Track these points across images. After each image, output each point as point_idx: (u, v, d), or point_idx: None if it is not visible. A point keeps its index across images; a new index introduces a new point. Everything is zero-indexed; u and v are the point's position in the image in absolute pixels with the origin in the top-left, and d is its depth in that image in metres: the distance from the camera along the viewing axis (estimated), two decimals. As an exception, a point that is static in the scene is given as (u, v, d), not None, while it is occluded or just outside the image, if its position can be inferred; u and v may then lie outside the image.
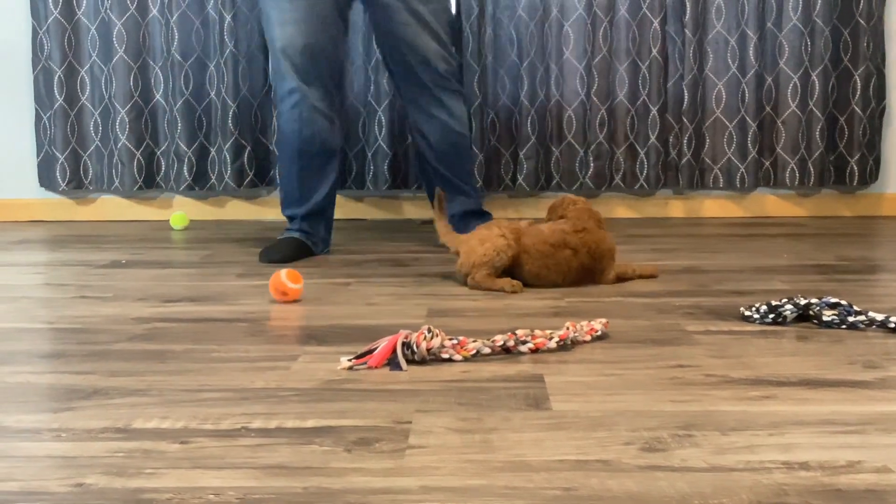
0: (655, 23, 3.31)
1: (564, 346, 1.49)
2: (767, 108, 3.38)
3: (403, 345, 1.41)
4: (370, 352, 1.42)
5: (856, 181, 3.37)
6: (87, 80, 3.44)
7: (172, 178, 3.45)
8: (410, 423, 1.13)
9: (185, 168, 3.40)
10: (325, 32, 2.46)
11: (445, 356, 1.42)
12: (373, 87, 3.37)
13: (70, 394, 1.28)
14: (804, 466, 0.98)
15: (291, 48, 2.43)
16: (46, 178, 3.48)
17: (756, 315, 1.67)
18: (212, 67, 3.38)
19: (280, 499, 0.91)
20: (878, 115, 3.37)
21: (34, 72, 3.42)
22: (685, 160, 3.38)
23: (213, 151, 3.44)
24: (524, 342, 1.46)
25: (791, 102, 3.34)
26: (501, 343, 1.45)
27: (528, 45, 3.36)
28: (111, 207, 3.56)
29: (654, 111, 3.34)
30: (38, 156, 3.47)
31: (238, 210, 3.55)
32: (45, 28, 3.39)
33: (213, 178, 3.45)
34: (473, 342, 1.44)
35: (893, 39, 3.38)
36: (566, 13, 3.33)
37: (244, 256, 2.56)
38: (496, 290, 2.01)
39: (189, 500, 0.91)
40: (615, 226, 3.22)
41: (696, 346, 1.51)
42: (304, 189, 2.56)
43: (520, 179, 3.39)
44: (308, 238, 2.57)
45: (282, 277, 1.91)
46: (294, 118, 2.48)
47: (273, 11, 2.43)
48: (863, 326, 1.61)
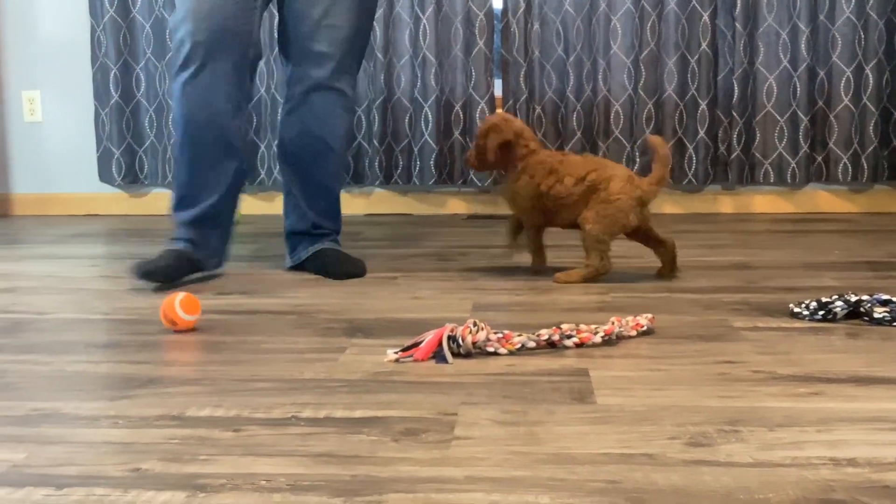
0: (705, 16, 3.28)
1: (609, 341, 1.50)
2: (820, 103, 3.32)
3: (449, 338, 1.43)
4: (416, 345, 1.44)
5: (911, 176, 3.30)
6: (142, 77, 3.51)
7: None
8: (456, 415, 1.15)
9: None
10: (240, 2, 2.03)
11: (490, 350, 1.43)
12: (419, 83, 3.39)
13: (126, 382, 1.32)
14: (852, 463, 0.98)
15: (196, 11, 1.99)
16: (105, 173, 3.57)
17: (805, 312, 1.66)
18: (262, 65, 3.43)
19: (329, 486, 0.94)
20: (935, 109, 3.30)
21: (93, 69, 3.51)
22: (735, 155, 3.35)
23: (263, 147, 3.49)
24: (569, 336, 1.47)
25: (844, 96, 3.28)
26: (546, 337, 1.46)
27: (575, 40, 3.35)
28: (165, 201, 3.63)
29: (704, 105, 3.31)
30: (98, 151, 3.56)
31: (287, 205, 3.60)
32: (102, 26, 3.47)
33: (263, 174, 3.51)
34: (518, 336, 1.45)
35: (951, 31, 3.31)
36: (614, 7, 3.31)
37: (293, 250, 2.60)
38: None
39: (242, 486, 0.94)
40: (662, 221, 3.21)
41: (744, 343, 1.50)
42: (195, 188, 2.10)
43: (566, 174, 3.38)
44: (196, 250, 2.10)
45: (175, 305, 1.61)
46: (187, 97, 2.03)
47: None
48: (915, 324, 1.59)
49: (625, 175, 2.01)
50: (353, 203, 3.54)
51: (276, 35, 2.24)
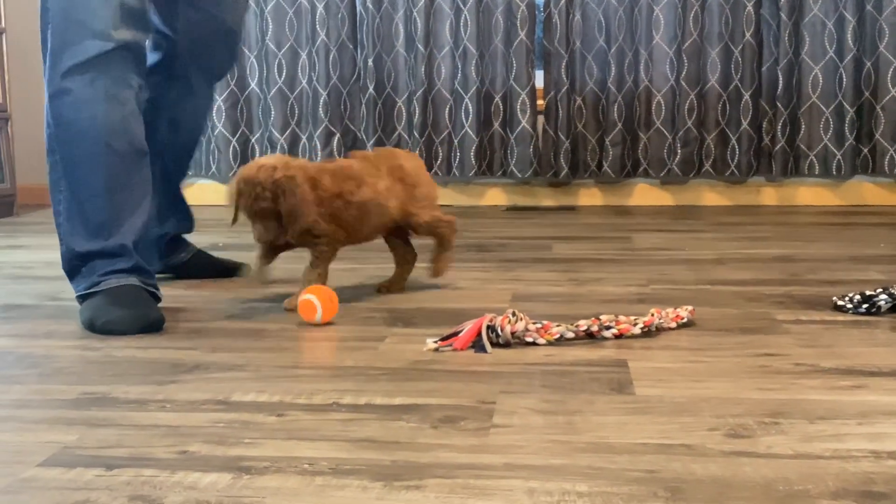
0: (749, 6, 3.23)
1: (649, 333, 1.50)
2: (866, 94, 3.27)
3: (488, 328, 1.44)
4: (455, 334, 1.45)
5: (961, 169, 3.23)
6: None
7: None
8: (495, 404, 1.16)
9: (278, 150, 3.50)
10: None
11: (529, 340, 1.44)
12: (460, 75, 3.40)
13: (173, 368, 1.35)
14: (893, 456, 0.97)
15: None
16: (147, 164, 3.63)
17: (849, 305, 1.64)
18: (304, 56, 3.47)
19: (370, 470, 0.95)
20: None
21: (136, 62, 3.57)
22: (779, 146, 3.30)
23: (304, 139, 3.53)
24: (608, 327, 1.47)
25: (891, 87, 3.22)
26: (585, 328, 1.47)
27: (617, 30, 3.33)
28: (208, 192, 3.69)
29: (747, 96, 3.27)
30: (140, 142, 3.62)
31: (328, 195, 3.63)
32: (147, 19, 3.53)
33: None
34: (557, 326, 1.46)
35: None
36: (656, -3, 3.29)
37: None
38: None
39: (285, 469, 0.96)
40: (704, 213, 3.18)
41: (786, 336, 1.49)
42: (119, 206, 1.66)
43: (605, 166, 3.37)
44: (145, 280, 1.67)
45: (317, 309, 1.59)
46: (99, 97, 1.61)
47: None
48: (962, 318, 1.56)
49: None
50: (394, 194, 3.56)
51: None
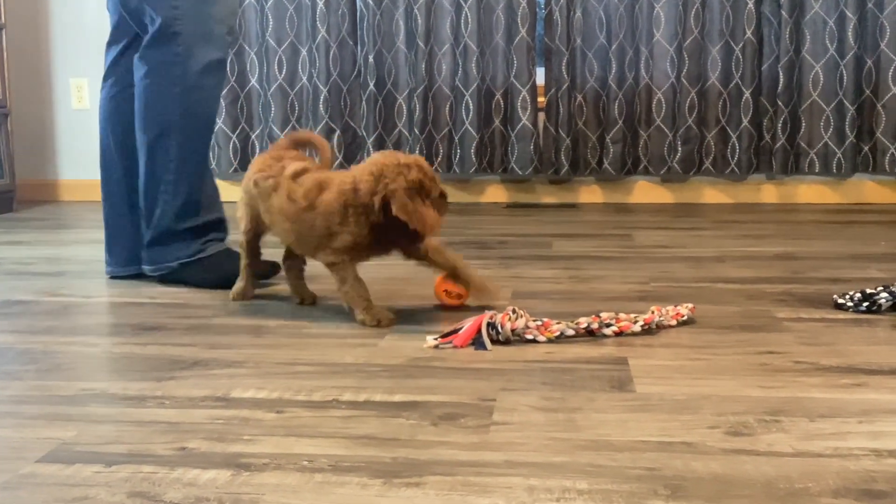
0: (750, 4, 3.23)
1: (649, 330, 1.49)
2: (867, 92, 3.26)
3: (488, 325, 1.43)
4: (456, 331, 1.45)
5: (962, 167, 3.23)
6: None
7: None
8: (495, 401, 1.16)
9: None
10: None
11: (529, 337, 1.44)
12: (460, 72, 3.39)
13: (172, 364, 1.35)
14: (893, 454, 0.97)
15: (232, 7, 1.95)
16: (147, 160, 3.62)
17: (850, 303, 1.64)
18: (304, 52, 3.46)
19: (369, 467, 0.95)
20: None
21: (136, 58, 3.56)
22: (779, 144, 3.30)
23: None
24: (608, 325, 1.47)
25: (892, 85, 3.21)
26: (585, 325, 1.46)
27: (618, 28, 3.32)
28: (207, 189, 3.68)
29: (748, 94, 3.26)
30: (140, 138, 3.62)
31: (328, 192, 3.62)
32: (147, 15, 3.52)
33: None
34: (557, 324, 1.46)
35: None
36: (657, -5, 3.28)
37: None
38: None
39: (284, 465, 0.96)
40: (705, 211, 3.18)
41: (787, 333, 1.48)
42: (214, 186, 2.02)
43: (606, 163, 3.36)
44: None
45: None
46: (218, 96, 1.99)
47: None
48: (963, 317, 1.56)
49: None
50: (394, 191, 3.55)
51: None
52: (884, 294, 1.62)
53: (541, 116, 3.40)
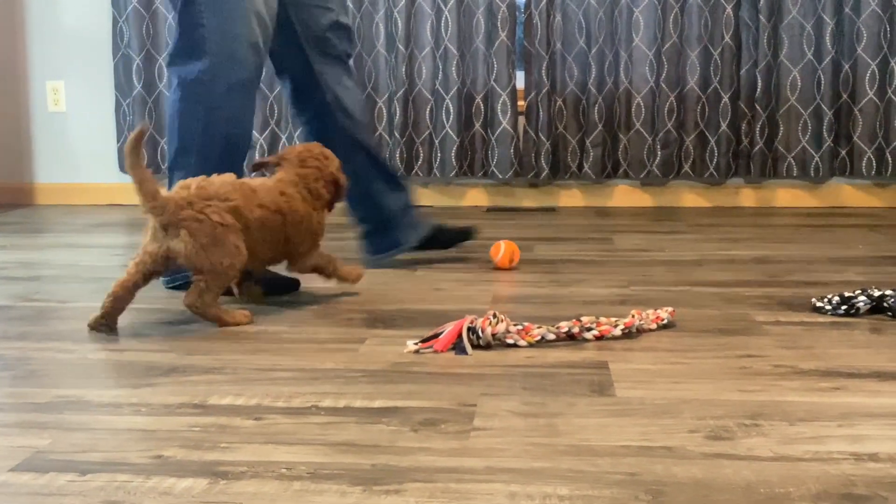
0: (728, 8, 3.25)
1: (629, 334, 1.49)
2: (844, 96, 3.29)
3: (469, 330, 1.43)
4: (436, 336, 1.44)
5: (937, 171, 3.26)
6: (165, 68, 3.53)
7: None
8: (475, 406, 1.15)
9: (257, 153, 3.48)
10: None
11: (510, 341, 1.43)
12: (441, 75, 3.39)
13: (149, 371, 1.33)
14: (873, 458, 0.97)
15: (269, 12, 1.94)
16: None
17: (828, 306, 1.64)
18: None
19: (349, 474, 0.94)
20: (962, 103, 3.25)
21: (114, 59, 3.53)
22: (757, 148, 3.32)
23: (284, 139, 3.50)
24: (589, 329, 1.47)
25: (869, 90, 3.24)
26: (566, 329, 1.46)
27: (597, 32, 3.33)
28: (186, 192, 3.66)
29: (726, 98, 3.28)
30: (119, 141, 3.59)
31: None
32: (125, 17, 3.49)
33: None
34: (538, 328, 1.45)
35: (980, 24, 3.26)
36: (636, -1, 3.29)
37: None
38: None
39: (262, 474, 0.94)
40: (683, 214, 3.19)
41: (766, 337, 1.49)
42: None
43: (586, 167, 3.37)
44: None
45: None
46: (248, 117, 2.02)
47: None
48: (940, 320, 1.57)
49: None
50: (374, 195, 3.54)
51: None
52: (862, 297, 1.63)
53: (521, 120, 3.40)
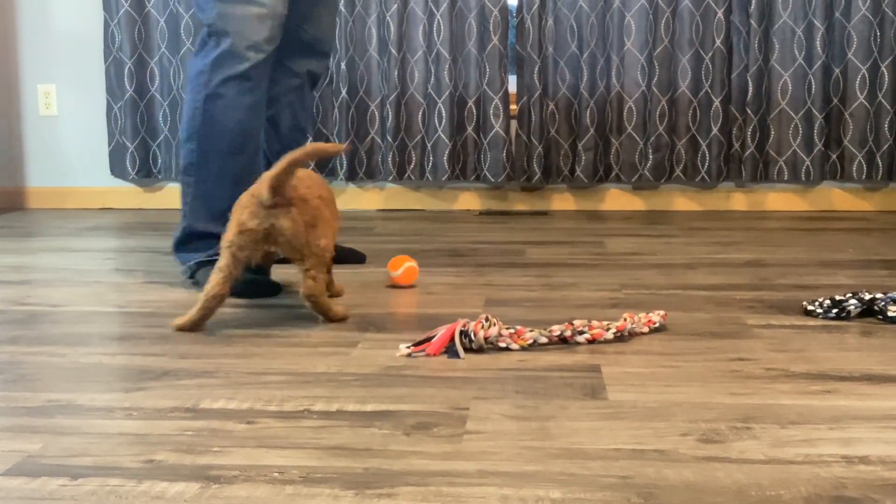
0: (720, 13, 3.26)
1: (622, 338, 1.50)
2: (835, 100, 3.30)
3: (461, 333, 1.43)
4: (428, 339, 1.44)
5: (926, 175, 3.28)
6: (157, 72, 3.53)
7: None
8: (468, 410, 1.15)
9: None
10: None
11: (502, 345, 1.44)
12: (433, 79, 3.39)
13: (141, 374, 1.33)
14: (864, 460, 0.97)
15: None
16: (117, 167, 3.58)
17: (819, 310, 1.65)
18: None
19: (341, 478, 0.94)
20: (952, 107, 3.27)
21: (106, 63, 3.52)
22: (749, 152, 3.33)
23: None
24: (581, 332, 1.47)
25: (859, 94, 3.26)
26: (558, 333, 1.46)
27: (589, 36, 3.34)
28: (178, 196, 3.65)
29: (717, 102, 3.29)
30: (110, 145, 3.58)
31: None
32: (117, 20, 3.49)
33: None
34: (530, 332, 1.46)
35: (969, 29, 3.28)
36: (628, 4, 3.30)
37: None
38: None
39: (255, 478, 0.94)
40: (675, 218, 3.20)
41: (757, 340, 1.50)
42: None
43: (578, 171, 3.38)
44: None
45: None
46: (245, 105, 2.01)
47: None
48: (930, 323, 1.58)
49: None
50: (366, 198, 3.55)
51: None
52: (853, 301, 1.64)
53: (513, 124, 3.40)
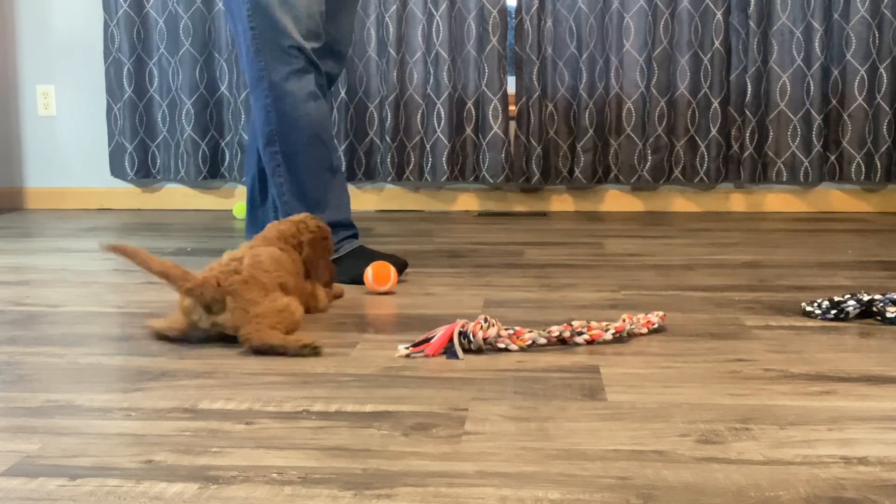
0: (718, 14, 3.26)
1: (620, 339, 1.50)
2: (833, 102, 3.31)
3: (460, 334, 1.43)
4: (427, 340, 1.44)
5: (925, 176, 3.28)
6: (156, 72, 3.53)
7: (236, 169, 3.52)
8: (467, 411, 1.15)
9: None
10: None
11: (501, 346, 1.44)
12: (432, 80, 3.39)
13: (139, 375, 1.33)
14: (863, 461, 0.97)
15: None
16: (117, 168, 3.58)
17: (818, 311, 1.65)
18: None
19: (340, 479, 0.94)
20: (950, 109, 3.27)
21: (105, 64, 3.52)
22: (747, 153, 3.33)
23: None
24: (580, 333, 1.47)
25: (858, 95, 3.26)
26: (557, 334, 1.46)
27: (588, 38, 3.34)
28: (177, 196, 3.65)
29: (716, 104, 3.30)
30: (110, 146, 3.58)
31: (298, 200, 3.60)
32: (116, 21, 3.49)
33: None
34: (529, 332, 1.46)
35: (967, 30, 3.28)
36: (627, 5, 3.30)
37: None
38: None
39: (253, 478, 0.94)
40: (674, 219, 3.20)
41: (756, 341, 1.50)
42: (329, 185, 2.15)
43: (577, 172, 3.38)
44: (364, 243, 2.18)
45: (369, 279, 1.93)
46: (310, 97, 2.07)
47: None
48: (928, 324, 1.58)
49: None
50: (365, 199, 3.55)
51: None
52: (851, 302, 1.64)
53: (512, 125, 3.41)
